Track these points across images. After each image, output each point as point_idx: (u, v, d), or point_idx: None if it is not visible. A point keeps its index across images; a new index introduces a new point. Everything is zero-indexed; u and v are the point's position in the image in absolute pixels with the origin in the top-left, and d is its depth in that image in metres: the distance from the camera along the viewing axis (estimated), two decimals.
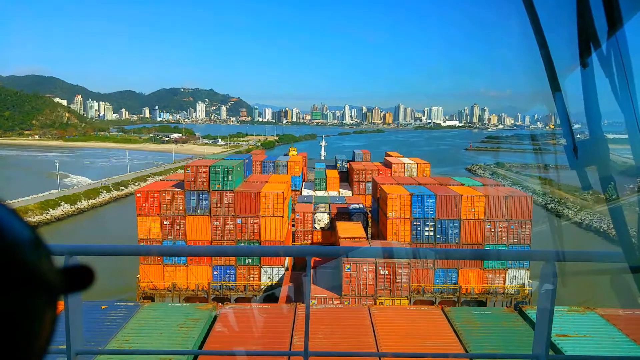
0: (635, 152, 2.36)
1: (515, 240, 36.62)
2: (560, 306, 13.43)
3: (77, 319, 3.66)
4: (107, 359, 10.09)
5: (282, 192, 38.40)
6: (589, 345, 11.80)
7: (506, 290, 36.64)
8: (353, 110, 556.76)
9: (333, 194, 53.83)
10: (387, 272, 29.85)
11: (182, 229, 37.29)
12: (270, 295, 35.79)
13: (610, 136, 2.38)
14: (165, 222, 37.23)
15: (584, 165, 2.39)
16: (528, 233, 36.49)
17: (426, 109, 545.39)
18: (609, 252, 3.36)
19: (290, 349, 11.15)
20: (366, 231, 39.79)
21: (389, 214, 37.25)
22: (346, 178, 64.26)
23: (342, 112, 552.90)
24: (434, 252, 24.83)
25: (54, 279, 0.87)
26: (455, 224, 37.00)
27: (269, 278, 37.49)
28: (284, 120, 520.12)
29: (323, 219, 42.65)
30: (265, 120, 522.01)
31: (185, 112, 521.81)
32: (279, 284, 36.42)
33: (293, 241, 42.92)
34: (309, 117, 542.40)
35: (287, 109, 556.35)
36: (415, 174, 56.81)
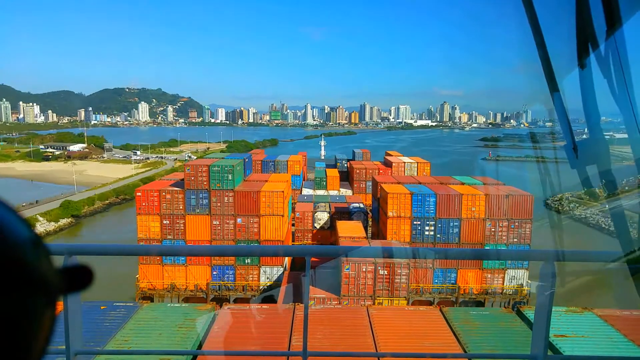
0: (634, 151, 2.36)
1: (516, 240, 36.59)
2: (558, 306, 13.45)
3: (76, 319, 3.66)
4: (106, 359, 10.10)
5: (282, 191, 38.39)
6: (587, 346, 11.81)
7: (505, 291, 36.63)
8: (315, 109, 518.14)
9: (333, 193, 53.79)
10: (386, 272, 29.85)
11: (182, 228, 37.28)
12: (269, 296, 35.79)
13: (609, 135, 2.39)
14: (165, 222, 37.22)
15: (584, 164, 2.39)
16: (528, 232, 36.46)
17: (393, 107, 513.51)
18: (608, 252, 3.36)
19: (289, 349, 11.16)
20: (366, 230, 39.77)
21: (389, 213, 37.23)
22: (346, 177, 64.24)
23: (303, 111, 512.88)
24: (434, 252, 24.85)
25: (53, 279, 0.87)
26: (456, 223, 36.96)
27: (268, 278, 37.47)
28: (239, 121, 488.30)
29: (323, 218, 42.65)
30: (219, 121, 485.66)
31: (125, 114, 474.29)
32: (278, 284, 36.40)
33: (293, 241, 42.91)
34: (267, 118, 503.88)
35: (242, 108, 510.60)
36: (415, 173, 56.80)
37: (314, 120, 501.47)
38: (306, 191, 54.46)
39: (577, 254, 3.73)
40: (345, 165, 70.58)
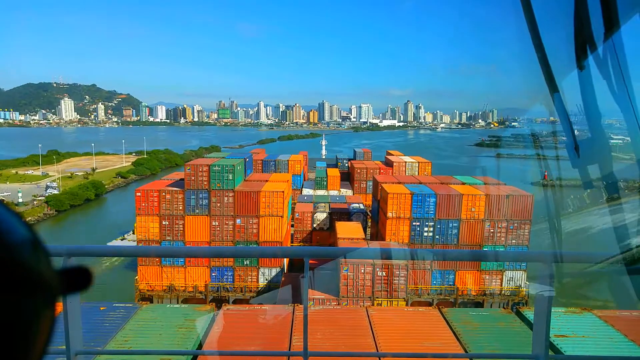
0: (635, 151, 2.37)
1: (514, 241, 36.58)
2: (557, 307, 13.45)
3: (76, 319, 3.67)
4: (106, 359, 10.10)
5: (283, 192, 38.35)
6: (588, 346, 11.81)
7: (503, 292, 36.62)
8: (269, 108, 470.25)
9: (334, 193, 53.73)
10: (384, 274, 29.84)
11: (181, 229, 37.22)
12: (268, 297, 35.75)
13: (610, 136, 2.40)
14: (164, 223, 37.17)
15: (585, 164, 2.40)
16: (527, 234, 36.44)
17: (354, 106, 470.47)
18: (607, 253, 3.36)
19: (289, 350, 11.16)
20: (365, 231, 39.75)
21: (389, 214, 37.18)
22: (347, 177, 64.22)
23: (256, 109, 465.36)
24: (432, 254, 24.87)
25: (53, 280, 0.88)
26: (455, 224, 36.93)
27: (266, 279, 37.44)
28: (181, 120, 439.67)
29: (323, 219, 42.64)
30: (158, 120, 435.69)
31: (45, 111, 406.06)
32: (277, 285, 36.36)
33: (292, 242, 42.88)
34: (215, 116, 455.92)
35: (185, 106, 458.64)
36: (416, 173, 56.75)
37: (268, 120, 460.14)
38: (306, 191, 54.41)
39: (575, 255, 3.73)
40: (347, 164, 70.53)
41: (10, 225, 0.83)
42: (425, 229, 37.08)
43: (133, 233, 41.39)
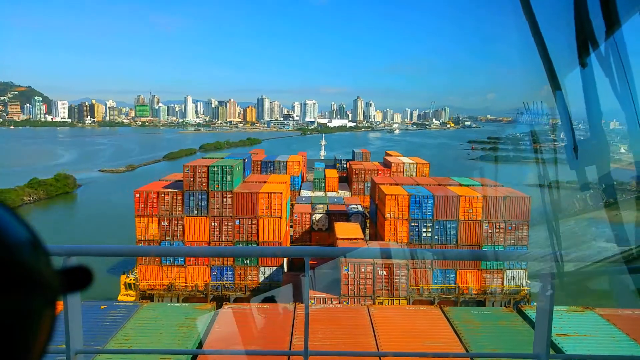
0: (635, 151, 2.36)
1: (513, 242, 36.69)
2: (559, 306, 13.44)
3: (76, 318, 3.67)
4: (106, 358, 10.10)
5: (281, 193, 38.39)
6: (589, 345, 11.80)
7: (504, 290, 36.70)
8: (199, 104, 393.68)
9: (332, 194, 53.84)
10: (385, 273, 29.89)
11: (180, 230, 37.28)
12: (268, 296, 35.79)
13: (610, 136, 2.39)
14: (163, 223, 37.22)
15: (584, 165, 2.39)
16: (526, 234, 36.55)
17: (297, 103, 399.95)
18: (607, 252, 3.36)
19: (290, 349, 11.15)
20: (364, 232, 39.80)
21: (387, 215, 37.29)
22: (345, 178, 64.27)
23: (182, 106, 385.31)
24: (432, 253, 24.91)
25: (53, 280, 0.88)
26: (453, 225, 37.06)
27: (267, 279, 37.50)
28: (87, 119, 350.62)
29: (321, 219, 42.69)
30: (58, 119, 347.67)
31: None
32: (278, 284, 36.44)
33: (291, 242, 42.93)
34: (133, 114, 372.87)
35: (93, 101, 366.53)
36: (414, 174, 56.81)
37: (197, 118, 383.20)
38: (305, 192, 54.50)
39: (575, 254, 3.73)
40: (345, 165, 70.58)
41: (10, 225, 0.83)
42: (424, 229, 37.20)
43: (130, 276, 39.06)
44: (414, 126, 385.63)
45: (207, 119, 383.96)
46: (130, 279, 37.63)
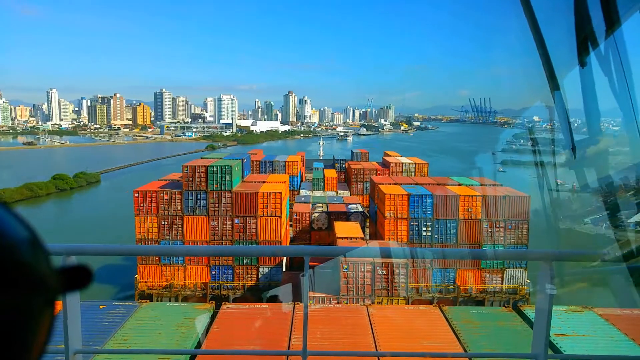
0: (633, 151, 2.36)
1: (513, 241, 36.70)
2: (558, 305, 13.45)
3: (75, 318, 3.67)
4: (105, 358, 10.10)
5: (280, 192, 38.40)
6: (588, 345, 11.82)
7: (504, 290, 36.72)
8: (65, 102, 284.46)
9: (331, 194, 53.86)
10: (384, 272, 29.90)
11: (180, 229, 37.29)
12: (267, 296, 35.80)
13: (609, 135, 2.39)
14: (162, 223, 37.24)
15: (582, 165, 2.39)
16: (525, 233, 36.57)
17: (210, 99, 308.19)
18: (606, 252, 3.36)
19: (288, 348, 11.15)
20: (364, 231, 39.80)
21: (387, 214, 37.31)
22: (344, 178, 64.27)
23: (45, 105, 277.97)
24: (432, 252, 24.92)
25: (52, 279, 0.88)
26: (453, 224, 37.08)
27: (266, 278, 37.52)
28: None
29: (321, 219, 42.68)
30: None
31: None
32: (277, 283, 36.46)
33: (291, 241, 42.94)
34: None
35: None
36: (413, 174, 56.82)
37: (60, 121, 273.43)
38: (304, 192, 54.49)
39: (574, 254, 3.73)
40: (344, 165, 70.56)
41: (10, 224, 0.83)
42: (424, 228, 37.22)
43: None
44: (363, 129, 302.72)
45: (74, 125, 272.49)
46: None
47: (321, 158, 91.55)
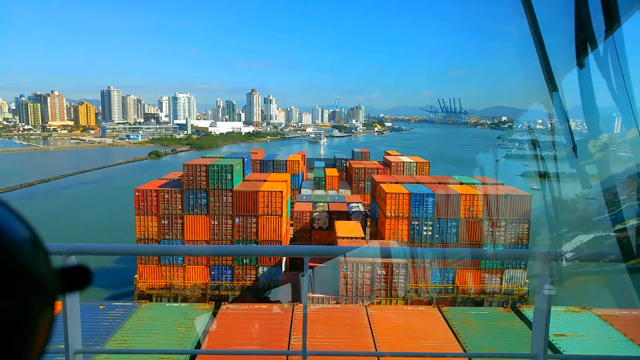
0: (633, 150, 2.37)
1: (514, 240, 36.65)
2: (556, 306, 13.45)
3: (75, 318, 3.67)
4: (105, 358, 10.11)
5: (281, 191, 38.37)
6: (587, 345, 11.81)
7: (503, 290, 36.67)
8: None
9: (332, 193, 53.81)
10: (384, 272, 29.88)
11: (180, 228, 37.26)
12: (267, 295, 35.79)
13: (609, 135, 2.40)
14: (163, 222, 37.20)
15: (583, 164, 2.39)
16: (526, 233, 36.52)
17: (165, 98, 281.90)
18: (606, 252, 3.36)
19: (288, 349, 11.16)
20: (365, 231, 39.77)
21: (388, 213, 37.25)
22: (345, 177, 64.23)
23: None
24: (432, 252, 24.92)
25: (52, 279, 0.88)
26: (454, 224, 37.00)
27: (266, 278, 37.49)
28: None
29: (322, 218, 42.66)
30: None
31: None
32: (276, 284, 36.43)
33: (292, 241, 42.92)
34: None
35: None
36: (414, 173, 56.77)
37: None
38: (305, 191, 54.45)
39: (574, 254, 3.73)
40: (345, 164, 70.52)
41: (10, 224, 0.83)
42: (425, 228, 37.15)
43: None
44: (336, 130, 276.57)
45: (5, 124, 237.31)
46: None
47: (322, 157, 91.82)
